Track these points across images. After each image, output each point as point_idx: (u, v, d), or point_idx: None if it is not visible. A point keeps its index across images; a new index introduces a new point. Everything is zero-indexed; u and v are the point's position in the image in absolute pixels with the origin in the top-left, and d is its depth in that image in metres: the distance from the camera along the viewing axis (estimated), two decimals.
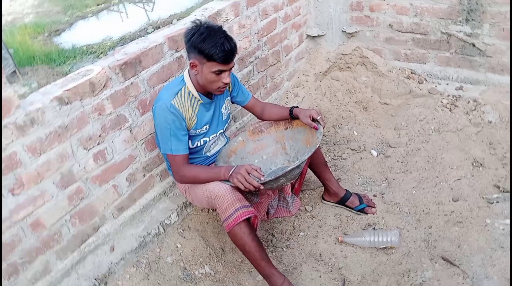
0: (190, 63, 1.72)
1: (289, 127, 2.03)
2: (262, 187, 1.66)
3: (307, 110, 1.92)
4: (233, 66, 1.73)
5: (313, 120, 1.89)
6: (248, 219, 1.70)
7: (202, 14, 2.19)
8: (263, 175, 1.65)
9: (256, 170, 1.66)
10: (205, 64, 1.67)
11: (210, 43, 1.61)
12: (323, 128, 1.85)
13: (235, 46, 1.68)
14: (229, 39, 1.65)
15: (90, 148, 1.80)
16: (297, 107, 1.99)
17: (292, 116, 1.99)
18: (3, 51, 5.31)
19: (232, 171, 1.71)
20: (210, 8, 2.26)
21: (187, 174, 1.81)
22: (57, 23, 7.56)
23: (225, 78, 1.70)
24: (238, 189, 1.74)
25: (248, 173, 1.66)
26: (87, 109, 1.74)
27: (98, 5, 7.97)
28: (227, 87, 1.80)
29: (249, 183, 1.64)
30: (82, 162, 1.78)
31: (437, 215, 2.08)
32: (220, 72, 1.68)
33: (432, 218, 2.08)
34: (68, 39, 7.72)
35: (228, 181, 1.74)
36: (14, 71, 5.89)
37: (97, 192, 1.88)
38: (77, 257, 1.84)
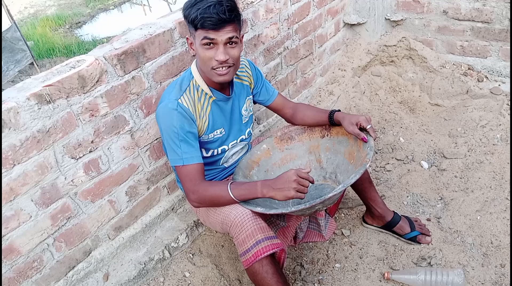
0: (187, 41, 1.42)
1: (327, 135, 1.62)
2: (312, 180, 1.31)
3: (354, 115, 1.50)
4: (233, 39, 1.31)
5: (361, 129, 1.48)
6: (272, 254, 1.33)
7: None
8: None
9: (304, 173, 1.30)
10: (195, 36, 1.33)
11: (197, 6, 1.28)
12: (374, 140, 1.42)
13: (232, 8, 1.28)
14: (222, 1, 1.27)
15: (80, 157, 1.46)
16: (339, 111, 1.57)
17: (332, 121, 1.58)
18: (20, 43, 5.13)
19: (274, 184, 1.30)
20: None
21: (205, 195, 1.38)
22: (78, 15, 7.40)
23: (218, 53, 1.30)
24: (260, 214, 1.36)
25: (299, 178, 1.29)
26: (76, 109, 1.40)
27: None
28: (229, 71, 1.35)
29: (304, 186, 1.28)
30: (69, 174, 1.45)
31: (510, 249, 1.64)
32: (209, 43, 1.31)
33: (504, 253, 1.64)
34: (89, 31, 7.57)
35: (244, 202, 1.37)
36: (32, 63, 5.74)
37: (89, 210, 1.55)
38: None
